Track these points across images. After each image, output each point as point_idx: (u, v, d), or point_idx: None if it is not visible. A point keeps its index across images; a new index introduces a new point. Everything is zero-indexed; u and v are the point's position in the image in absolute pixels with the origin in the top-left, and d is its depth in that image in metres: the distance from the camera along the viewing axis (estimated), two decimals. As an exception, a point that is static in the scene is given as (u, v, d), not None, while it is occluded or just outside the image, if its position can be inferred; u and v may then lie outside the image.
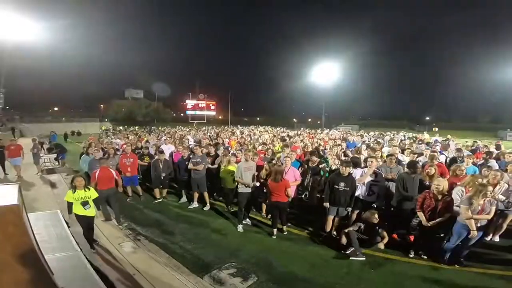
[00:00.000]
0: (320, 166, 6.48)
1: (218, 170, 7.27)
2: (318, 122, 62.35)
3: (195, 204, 7.27)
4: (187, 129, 24.48)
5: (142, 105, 62.98)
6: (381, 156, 7.09)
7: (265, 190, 6.18)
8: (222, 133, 18.18)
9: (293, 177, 6.00)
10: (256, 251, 4.93)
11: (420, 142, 12.76)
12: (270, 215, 6.20)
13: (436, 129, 29.69)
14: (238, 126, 36.17)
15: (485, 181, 4.69)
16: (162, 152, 7.84)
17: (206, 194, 7.18)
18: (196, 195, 7.27)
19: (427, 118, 74.11)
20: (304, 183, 7.24)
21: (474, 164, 6.76)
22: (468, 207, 4.17)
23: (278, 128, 28.97)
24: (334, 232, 5.50)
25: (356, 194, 5.45)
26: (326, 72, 53.47)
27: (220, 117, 78.41)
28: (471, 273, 4.28)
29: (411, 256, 4.76)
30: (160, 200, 7.71)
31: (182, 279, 4.08)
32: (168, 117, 67.36)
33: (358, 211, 5.52)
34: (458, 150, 8.41)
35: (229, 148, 9.41)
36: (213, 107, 62.63)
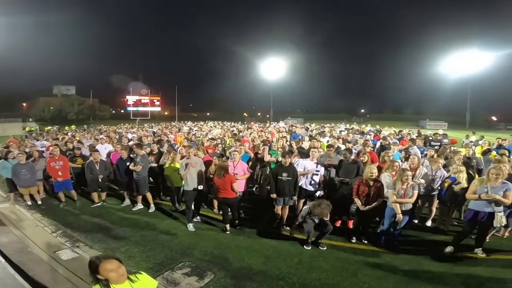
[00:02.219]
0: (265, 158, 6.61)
1: (163, 169, 6.91)
2: (267, 116, 63.85)
3: (139, 206, 6.83)
4: (128, 127, 22.71)
5: (74, 102, 56.72)
6: (321, 146, 7.56)
7: (213, 186, 6.07)
8: (167, 129, 17.36)
9: (242, 171, 6.02)
10: (210, 248, 4.84)
11: (357, 133, 14.01)
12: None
13: (375, 126, 32.82)
14: (186, 121, 34.88)
15: (406, 166, 5.28)
16: (97, 151, 7.16)
17: (149, 195, 6.79)
18: (139, 197, 6.83)
19: (362, 110, 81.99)
20: (254, 176, 7.39)
21: (400, 150, 7.63)
22: (393, 191, 4.62)
23: (228, 123, 28.84)
24: (284, 223, 5.66)
25: (300, 184, 5.67)
26: (273, 67, 54.99)
27: (166, 113, 74.88)
28: (407, 255, 4.59)
29: (353, 241, 5.06)
30: (99, 204, 7.09)
31: (132, 282, 3.82)
32: (106, 115, 62.03)
33: (303, 200, 5.78)
34: (384, 138, 9.43)
35: (175, 145, 9.03)
36: (157, 103, 59.35)
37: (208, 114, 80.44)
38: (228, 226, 5.50)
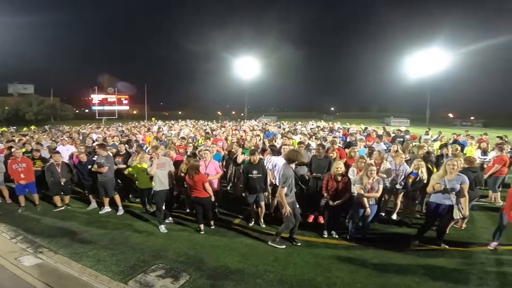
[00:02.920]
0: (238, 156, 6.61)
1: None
2: (242, 114, 63.85)
3: (107, 209, 6.53)
4: (93, 127, 21.46)
5: (32, 102, 52.58)
6: (293, 143, 7.71)
7: (185, 186, 5.97)
8: (136, 129, 16.70)
9: (214, 170, 5.96)
10: (184, 249, 4.75)
11: (325, 130, 14.49)
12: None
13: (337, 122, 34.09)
14: (156, 121, 33.74)
15: (371, 161, 5.54)
16: (58, 153, 6.72)
17: (117, 197, 6.51)
18: (107, 199, 6.52)
19: (332, 108, 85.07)
20: (227, 175, 7.35)
21: (366, 146, 8.02)
22: (360, 186, 4.85)
23: (201, 122, 28.37)
24: (262, 222, 5.69)
25: (274, 181, 5.74)
26: (248, 66, 55.19)
27: (135, 112, 72.02)
28: (375, 248, 4.74)
29: (325, 236, 5.18)
30: (63, 208, 6.69)
31: None
32: (69, 115, 58.29)
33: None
34: (351, 135, 9.87)
35: (144, 145, 8.70)
36: (126, 102, 56.72)
37: (180, 112, 78.60)
38: (202, 226, 5.43)
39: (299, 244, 4.89)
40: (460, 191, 4.42)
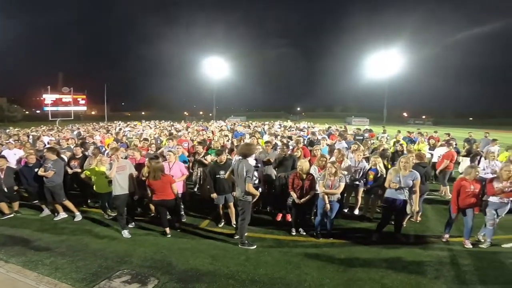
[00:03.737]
0: (205, 157, 6.50)
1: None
2: (210, 114, 62.99)
3: (62, 215, 6.07)
4: (45, 128, 19.67)
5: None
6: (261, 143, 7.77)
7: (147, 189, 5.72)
8: (94, 130, 15.68)
9: (179, 171, 5.80)
10: (150, 253, 4.58)
11: (291, 129, 14.84)
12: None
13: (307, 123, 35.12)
14: (118, 122, 31.92)
15: (333, 159, 5.76)
16: (3, 158, 6.12)
17: (68, 203, 6.06)
18: (59, 206, 6.06)
19: (298, 108, 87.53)
20: (193, 176, 7.19)
21: (328, 145, 8.34)
22: (323, 183, 5.01)
23: (166, 122, 27.43)
24: (234, 222, 5.62)
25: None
26: (217, 66, 54.55)
27: (93, 113, 67.62)
28: (340, 244, 4.91)
29: (294, 234, 5.27)
30: (12, 215, 6.13)
31: (64, 295, 3.41)
32: (17, 116, 53.06)
33: None
34: (312, 133, 10.20)
35: (103, 148, 8.19)
36: (83, 102, 52.98)
37: (143, 113, 75.33)
38: (168, 229, 5.25)
39: (255, 246, 4.84)
40: (412, 186, 4.73)
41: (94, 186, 5.97)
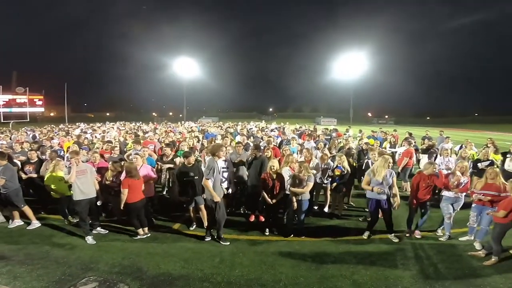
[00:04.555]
0: (174, 159, 6.32)
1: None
2: (180, 115, 61.42)
3: (17, 223, 5.61)
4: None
5: None
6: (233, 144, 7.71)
7: (112, 193, 5.45)
8: (51, 133, 14.59)
9: (146, 174, 5.57)
10: (118, 259, 4.39)
11: (264, 129, 14.98)
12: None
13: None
14: (80, 123, 29.95)
15: (302, 158, 5.87)
16: None
17: (27, 209, 5.58)
18: (15, 212, 5.61)
19: (271, 109, 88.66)
20: (161, 179, 6.97)
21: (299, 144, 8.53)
22: (292, 182, 5.07)
23: (132, 124, 26.25)
24: (206, 224, 5.47)
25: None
26: (187, 66, 53.25)
27: (52, 114, 62.99)
28: (312, 242, 5.00)
29: (267, 234, 5.29)
30: None
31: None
32: (-40, 118, 47.52)
33: None
34: (283, 133, 10.40)
35: (61, 152, 7.64)
36: (40, 103, 48.95)
37: (108, 114, 71.50)
38: (141, 230, 5.13)
39: (228, 243, 4.89)
40: (392, 183, 4.95)
41: (52, 192, 5.57)
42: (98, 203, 5.46)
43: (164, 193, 7.36)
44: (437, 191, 5.39)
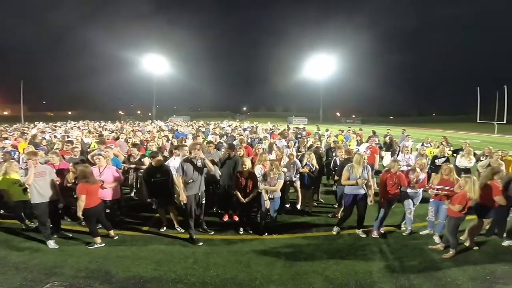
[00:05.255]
0: (142, 159, 6.10)
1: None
2: (149, 114, 59.25)
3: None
4: None
5: None
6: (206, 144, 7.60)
7: (74, 196, 5.13)
8: (5, 133, 13.40)
9: (111, 176, 5.32)
10: (84, 263, 4.21)
11: (238, 128, 14.96)
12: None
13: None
14: (38, 122, 27.70)
15: (272, 157, 5.95)
16: None
17: None
18: None
19: (244, 108, 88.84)
20: (129, 180, 6.70)
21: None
22: (263, 181, 5.13)
23: (96, 123, 24.78)
24: (178, 227, 5.38)
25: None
26: (157, 63, 51.34)
27: (6, 113, 57.79)
28: (285, 239, 5.07)
29: (241, 233, 5.27)
30: None
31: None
32: None
33: None
34: (254, 132, 10.48)
35: (16, 153, 7.03)
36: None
37: (70, 113, 67.04)
38: (98, 238, 4.80)
39: (201, 244, 4.84)
40: (368, 179, 5.10)
41: (4, 196, 5.13)
42: (60, 205, 5.11)
43: (132, 194, 7.08)
44: (399, 187, 5.68)
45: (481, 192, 4.57)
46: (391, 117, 76.75)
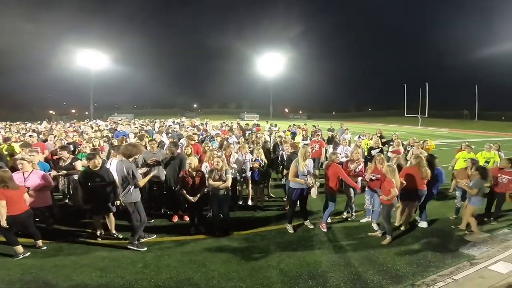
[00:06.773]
0: (73, 163, 5.54)
1: None
2: (86, 113, 53.71)
3: None
4: None
5: None
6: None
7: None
8: None
9: (38, 182, 4.75)
10: (16, 275, 3.83)
11: (187, 126, 14.52)
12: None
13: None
14: None
15: (221, 153, 5.91)
16: None
17: None
18: None
19: (195, 105, 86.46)
20: (59, 185, 6.05)
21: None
22: (211, 177, 5.06)
23: (23, 124, 21.54)
24: (115, 233, 5.01)
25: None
26: (94, 57, 46.48)
27: None
28: (239, 236, 5.05)
29: (193, 232, 5.14)
30: None
31: None
32: None
33: None
34: (205, 130, 10.36)
35: None
36: None
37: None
38: (20, 247, 4.27)
39: (145, 249, 4.58)
40: (312, 172, 5.26)
41: None
42: None
43: (67, 201, 6.39)
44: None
45: (405, 178, 5.11)
46: (334, 113, 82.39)
